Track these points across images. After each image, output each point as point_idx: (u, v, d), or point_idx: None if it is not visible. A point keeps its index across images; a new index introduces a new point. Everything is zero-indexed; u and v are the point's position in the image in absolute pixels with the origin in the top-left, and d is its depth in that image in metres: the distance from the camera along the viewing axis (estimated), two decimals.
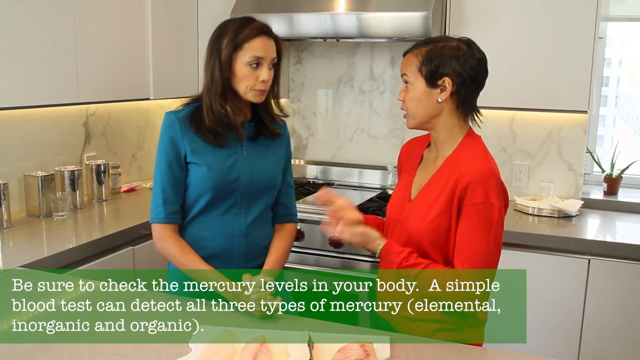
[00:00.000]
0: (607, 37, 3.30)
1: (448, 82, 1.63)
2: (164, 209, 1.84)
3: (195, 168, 1.85)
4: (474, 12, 2.91)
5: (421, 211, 1.65)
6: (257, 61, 1.80)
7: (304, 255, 2.89)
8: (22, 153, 2.81)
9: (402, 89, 1.70)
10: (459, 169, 1.62)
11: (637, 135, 4.17)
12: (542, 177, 3.16)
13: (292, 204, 2.07)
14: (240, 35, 1.79)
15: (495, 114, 3.10)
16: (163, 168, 1.85)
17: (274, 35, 1.86)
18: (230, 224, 1.89)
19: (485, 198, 1.56)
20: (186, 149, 1.84)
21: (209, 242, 1.89)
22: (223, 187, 1.85)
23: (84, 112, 3.12)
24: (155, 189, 1.87)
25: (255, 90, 1.82)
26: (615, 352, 2.58)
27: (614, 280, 2.56)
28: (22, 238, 2.47)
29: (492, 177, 1.59)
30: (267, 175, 1.93)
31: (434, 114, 1.67)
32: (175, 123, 1.84)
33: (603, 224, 2.93)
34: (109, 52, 2.87)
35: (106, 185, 3.11)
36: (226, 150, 1.86)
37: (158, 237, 1.86)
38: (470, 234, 1.57)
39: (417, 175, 1.76)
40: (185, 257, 1.83)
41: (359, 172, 3.52)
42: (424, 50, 1.64)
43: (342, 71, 3.54)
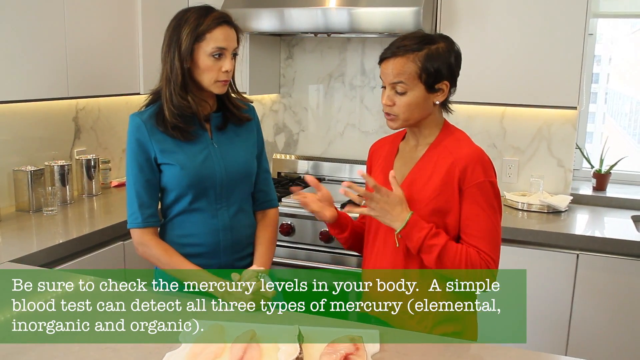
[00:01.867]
0: (597, 34, 3.31)
1: (446, 85, 1.65)
2: (141, 213, 1.81)
3: (168, 169, 1.82)
4: (464, 8, 2.91)
5: (413, 196, 1.66)
6: (220, 52, 1.77)
7: (294, 250, 2.89)
8: (11, 148, 2.79)
9: (389, 93, 1.66)
10: (450, 154, 1.65)
11: (626, 132, 4.20)
12: (531, 172, 3.18)
13: (271, 189, 2.05)
14: (201, 26, 1.75)
15: (486, 109, 3.11)
16: (135, 172, 1.81)
17: (234, 25, 1.82)
18: (214, 219, 1.87)
19: (485, 176, 1.63)
20: (155, 150, 1.80)
21: (195, 240, 1.87)
22: (199, 184, 1.82)
23: (74, 107, 3.10)
24: (130, 194, 1.83)
25: (219, 81, 1.79)
26: (603, 345, 2.59)
27: (602, 275, 2.57)
28: (11, 233, 2.46)
29: (485, 156, 1.66)
30: (242, 164, 1.90)
31: (426, 115, 1.69)
32: (141, 125, 1.81)
33: (592, 219, 2.94)
34: (99, 46, 2.85)
35: (96, 180, 3.10)
36: (197, 146, 1.84)
37: (139, 242, 1.83)
38: (478, 213, 1.62)
39: (396, 166, 1.77)
40: (170, 258, 1.80)
41: (350, 167, 3.52)
42: (422, 55, 1.61)
43: (333, 66, 3.54)
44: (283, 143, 3.71)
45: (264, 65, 3.47)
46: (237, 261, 1.91)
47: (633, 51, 3.89)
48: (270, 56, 3.54)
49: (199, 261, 1.82)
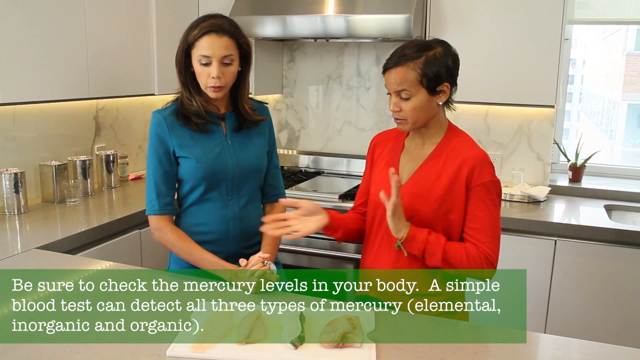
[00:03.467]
0: (572, 39, 3.30)
1: (447, 87, 1.62)
2: (158, 201, 1.81)
3: (185, 161, 1.82)
4: (452, 15, 2.89)
5: (421, 193, 1.64)
6: (206, 60, 1.74)
7: None
8: (37, 144, 2.78)
9: (395, 100, 1.62)
10: (458, 154, 1.64)
11: (599, 129, 4.19)
12: (513, 165, 3.16)
13: (280, 184, 2.03)
14: (190, 35, 1.75)
15: (471, 108, 3.09)
16: (154, 164, 1.82)
17: (228, 32, 1.74)
18: (225, 210, 1.86)
19: (491, 176, 1.63)
20: (174, 144, 1.80)
21: (207, 228, 1.86)
22: (213, 176, 1.82)
23: (94, 107, 3.09)
24: (149, 184, 1.83)
25: (209, 87, 1.77)
26: (579, 325, 2.59)
27: (578, 259, 2.56)
28: (38, 222, 2.45)
29: (489, 158, 1.66)
30: (253, 160, 1.89)
31: (433, 115, 1.66)
32: (162, 121, 1.81)
33: (568, 208, 2.93)
34: (117, 51, 2.84)
35: (115, 174, 3.08)
36: (212, 142, 1.83)
37: (155, 228, 1.83)
38: (482, 209, 1.61)
39: (403, 162, 1.73)
40: (183, 243, 1.80)
41: (347, 161, 3.50)
42: (420, 62, 1.58)
43: (331, 69, 3.52)
44: (285, 139, 3.69)
45: (268, 67, 3.45)
46: (245, 249, 1.89)
47: (605, 55, 3.88)
48: (273, 59, 3.52)
49: (210, 248, 1.81)
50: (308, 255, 2.85)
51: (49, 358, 1.31)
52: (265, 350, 1.33)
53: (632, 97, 3.90)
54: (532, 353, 1.44)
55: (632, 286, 2.51)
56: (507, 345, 1.41)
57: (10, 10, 2.30)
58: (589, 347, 1.43)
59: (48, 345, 1.35)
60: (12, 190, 2.50)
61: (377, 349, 1.33)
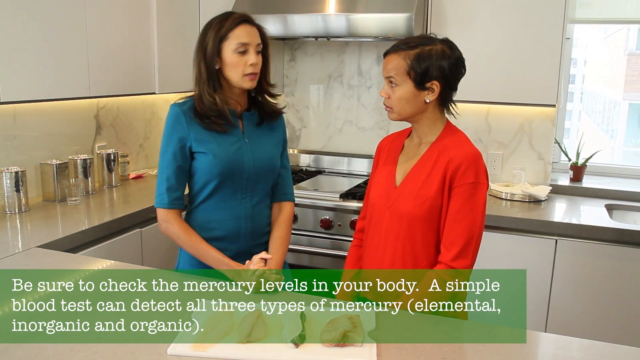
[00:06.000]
0: (573, 39, 3.29)
1: (436, 85, 1.60)
2: (168, 195, 1.82)
3: (201, 157, 1.82)
4: (453, 14, 2.89)
5: (412, 193, 1.63)
6: (243, 47, 1.77)
7: (297, 236, 2.88)
8: (38, 143, 2.78)
9: (386, 86, 1.64)
10: (448, 153, 1.61)
11: (600, 128, 4.18)
12: (514, 165, 3.16)
13: (288, 184, 2.04)
14: (224, 27, 1.77)
15: (472, 107, 3.09)
16: (168, 158, 1.82)
17: (255, 24, 1.83)
18: (237, 207, 1.87)
19: (475, 178, 1.57)
20: (191, 139, 1.81)
21: (219, 225, 1.87)
22: (228, 173, 1.82)
23: (95, 106, 3.08)
24: (160, 177, 1.84)
25: (246, 75, 1.78)
26: (579, 325, 2.59)
27: (579, 259, 2.56)
28: (39, 221, 2.44)
29: (480, 159, 1.61)
30: (268, 159, 1.91)
31: (420, 111, 1.64)
32: (180, 115, 1.81)
33: (569, 207, 2.93)
34: (118, 50, 2.83)
35: (116, 173, 3.08)
36: (230, 139, 1.84)
37: (163, 219, 1.84)
38: (459, 211, 1.57)
39: (400, 163, 1.73)
40: (189, 237, 1.81)
41: (348, 160, 3.51)
42: (412, 54, 1.58)
43: (332, 68, 3.52)
44: (287, 138, 3.68)
45: None
46: (255, 247, 1.89)
47: (606, 54, 3.87)
48: (274, 58, 3.51)
49: (221, 245, 1.83)
50: (309, 254, 2.85)
51: (49, 358, 1.30)
52: (266, 349, 1.33)
53: (633, 97, 3.89)
54: (533, 352, 1.43)
55: (632, 286, 2.51)
56: (508, 344, 1.41)
57: (11, 10, 2.30)
58: (590, 346, 1.43)
59: (48, 345, 1.34)
60: (12, 189, 2.50)
61: (378, 348, 1.33)
